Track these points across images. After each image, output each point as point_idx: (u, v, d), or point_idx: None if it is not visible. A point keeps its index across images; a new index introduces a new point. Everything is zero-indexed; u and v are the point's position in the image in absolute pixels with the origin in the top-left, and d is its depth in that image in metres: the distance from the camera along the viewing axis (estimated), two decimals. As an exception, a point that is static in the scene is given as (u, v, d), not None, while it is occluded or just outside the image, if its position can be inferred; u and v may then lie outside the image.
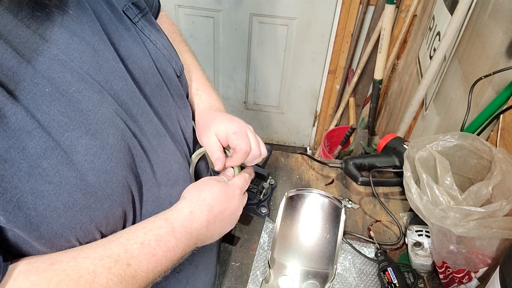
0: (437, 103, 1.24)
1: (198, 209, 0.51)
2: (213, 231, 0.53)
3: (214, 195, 0.54)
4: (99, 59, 0.45)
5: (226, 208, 0.54)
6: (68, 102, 0.40)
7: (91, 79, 0.43)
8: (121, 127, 0.45)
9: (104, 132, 0.42)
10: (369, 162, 0.95)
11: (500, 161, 0.68)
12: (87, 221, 0.41)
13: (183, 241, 0.48)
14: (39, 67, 0.38)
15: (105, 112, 0.43)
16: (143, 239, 0.44)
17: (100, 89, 0.44)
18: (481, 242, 0.65)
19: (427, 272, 0.79)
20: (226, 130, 0.60)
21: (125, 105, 0.47)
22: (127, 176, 0.45)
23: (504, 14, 0.89)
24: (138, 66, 0.51)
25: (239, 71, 2.15)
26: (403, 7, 1.74)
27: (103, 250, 0.41)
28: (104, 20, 0.48)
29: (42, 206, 0.37)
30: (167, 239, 0.46)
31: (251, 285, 0.75)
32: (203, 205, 0.52)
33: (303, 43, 1.99)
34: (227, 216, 0.55)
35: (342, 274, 0.79)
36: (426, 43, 1.43)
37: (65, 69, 0.40)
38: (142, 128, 0.50)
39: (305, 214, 0.80)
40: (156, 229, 0.46)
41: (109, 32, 0.48)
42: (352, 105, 2.04)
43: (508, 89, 0.80)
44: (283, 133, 2.43)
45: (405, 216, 0.90)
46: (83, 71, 0.42)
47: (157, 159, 0.52)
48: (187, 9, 1.94)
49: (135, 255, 0.43)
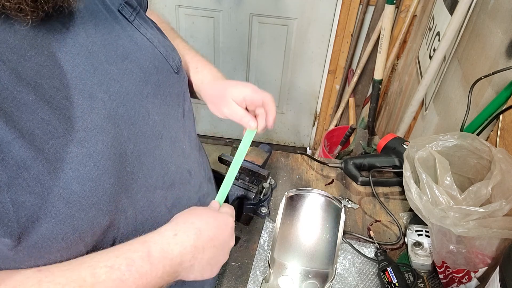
0: (437, 103, 1.24)
1: (184, 232, 0.47)
2: (202, 261, 0.48)
3: (204, 219, 0.50)
4: (93, 61, 0.44)
5: (218, 235, 0.50)
6: (54, 110, 0.38)
7: (81, 84, 0.42)
8: (112, 133, 0.44)
9: (91, 139, 0.41)
10: (369, 162, 0.95)
11: (500, 161, 0.68)
12: (70, 231, 0.40)
13: (160, 267, 0.44)
14: (24, 74, 0.37)
15: (95, 118, 0.42)
16: (113, 263, 0.41)
17: (90, 94, 0.42)
18: (481, 242, 0.65)
19: (427, 272, 0.79)
20: (244, 94, 0.61)
21: (121, 108, 0.46)
22: (115, 184, 0.43)
23: (504, 14, 0.89)
24: (136, 66, 0.50)
25: (239, 71, 2.15)
26: (403, 7, 1.74)
27: (71, 273, 0.39)
28: (100, 21, 0.47)
29: (24, 217, 0.36)
30: (139, 264, 0.42)
31: (251, 285, 0.76)
32: (191, 228, 0.47)
33: (303, 43, 1.99)
34: (218, 245, 0.50)
35: (342, 274, 0.79)
36: (426, 43, 1.43)
37: (54, 74, 0.39)
38: (139, 130, 0.48)
39: (305, 214, 0.80)
40: (130, 252, 0.43)
41: (105, 33, 0.47)
42: (352, 105, 2.04)
43: (508, 89, 0.80)
44: (283, 133, 2.43)
45: (405, 216, 0.91)
46: (74, 76, 0.41)
47: (153, 162, 0.50)
48: (187, 9, 1.94)
49: (101, 280, 0.40)
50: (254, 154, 0.92)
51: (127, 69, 0.48)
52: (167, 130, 0.54)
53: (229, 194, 0.81)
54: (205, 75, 0.69)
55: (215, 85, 0.66)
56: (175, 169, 0.55)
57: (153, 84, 0.53)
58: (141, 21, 0.55)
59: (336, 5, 1.83)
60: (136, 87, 0.49)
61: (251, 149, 0.95)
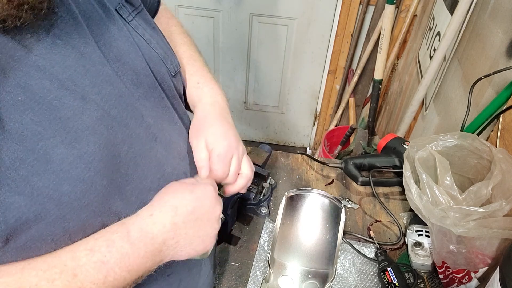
0: (437, 103, 1.24)
1: (159, 211, 0.46)
2: (187, 236, 0.48)
3: (178, 195, 0.49)
4: (85, 63, 0.43)
5: (197, 207, 0.49)
6: (44, 111, 0.38)
7: (73, 85, 0.41)
8: (105, 135, 0.43)
9: (83, 140, 0.40)
10: (369, 162, 0.95)
11: (500, 161, 0.68)
12: (60, 232, 0.39)
13: (141, 247, 0.43)
14: (13, 74, 0.36)
15: (86, 119, 0.41)
16: (93, 245, 0.41)
17: (82, 95, 0.42)
18: (481, 242, 0.65)
19: (427, 272, 0.79)
20: (213, 146, 0.58)
21: (114, 109, 0.45)
22: (108, 186, 0.43)
23: (504, 14, 0.89)
24: (130, 67, 0.49)
25: (239, 71, 2.15)
26: (403, 7, 1.74)
27: (52, 258, 0.39)
28: (94, 21, 0.46)
29: (12, 218, 0.36)
30: (120, 245, 0.42)
31: (251, 285, 0.76)
32: (165, 206, 0.47)
33: (303, 43, 1.99)
34: (200, 216, 0.49)
35: (342, 274, 0.79)
36: (426, 43, 1.43)
37: (44, 75, 0.39)
38: (133, 132, 0.48)
39: (305, 214, 0.80)
40: (109, 233, 0.42)
41: (99, 34, 0.46)
42: (352, 105, 2.04)
43: (508, 89, 0.80)
44: (283, 133, 2.43)
45: (405, 216, 0.90)
46: (65, 77, 0.41)
47: (148, 164, 0.50)
48: (187, 9, 1.94)
49: (82, 263, 0.39)
50: (254, 154, 0.92)
51: (120, 71, 0.48)
52: (161, 133, 0.54)
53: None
54: (205, 94, 0.65)
55: (206, 115, 0.62)
56: (171, 171, 0.54)
57: (147, 86, 0.52)
58: (141, 21, 0.54)
59: (336, 5, 1.83)
60: (129, 89, 0.48)
61: (251, 149, 0.95)
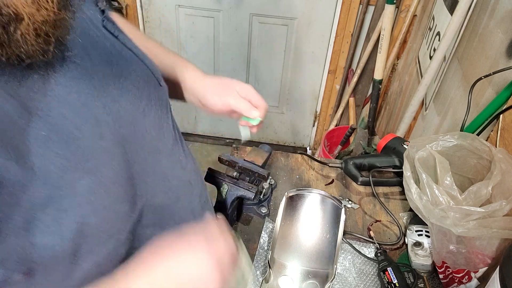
0: (437, 103, 1.24)
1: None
2: None
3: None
4: (95, 84, 0.42)
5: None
6: (65, 142, 0.37)
7: (88, 111, 0.40)
8: (119, 157, 0.42)
9: (101, 166, 0.39)
10: (369, 162, 0.95)
11: (500, 161, 0.68)
12: (90, 266, 0.39)
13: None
14: (34, 106, 0.35)
15: (103, 144, 0.40)
16: None
17: (96, 119, 0.41)
18: (481, 242, 0.65)
19: (427, 272, 0.79)
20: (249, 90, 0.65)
21: (124, 129, 0.44)
22: (130, 211, 0.42)
23: (504, 14, 0.89)
24: (130, 82, 0.48)
25: (239, 71, 2.15)
26: (403, 7, 1.74)
27: None
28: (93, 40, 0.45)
29: (46, 257, 0.35)
30: None
31: (251, 285, 0.76)
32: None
33: (303, 43, 1.99)
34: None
35: (342, 274, 0.79)
36: (426, 43, 1.43)
37: (62, 104, 0.37)
38: (140, 148, 0.47)
39: (305, 214, 0.80)
40: None
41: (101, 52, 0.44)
42: (352, 105, 2.04)
43: (508, 89, 0.80)
44: (283, 133, 2.43)
45: (405, 216, 0.91)
46: (81, 103, 0.39)
47: (155, 180, 0.49)
48: (187, 9, 1.94)
49: None
50: (254, 154, 0.92)
51: (123, 87, 0.47)
52: (163, 143, 0.53)
53: (229, 194, 0.81)
54: (197, 72, 0.70)
55: (216, 78, 0.68)
56: (177, 182, 0.54)
57: (146, 98, 0.51)
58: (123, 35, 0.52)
59: (336, 5, 1.83)
60: (133, 105, 0.48)
61: (251, 149, 0.95)
